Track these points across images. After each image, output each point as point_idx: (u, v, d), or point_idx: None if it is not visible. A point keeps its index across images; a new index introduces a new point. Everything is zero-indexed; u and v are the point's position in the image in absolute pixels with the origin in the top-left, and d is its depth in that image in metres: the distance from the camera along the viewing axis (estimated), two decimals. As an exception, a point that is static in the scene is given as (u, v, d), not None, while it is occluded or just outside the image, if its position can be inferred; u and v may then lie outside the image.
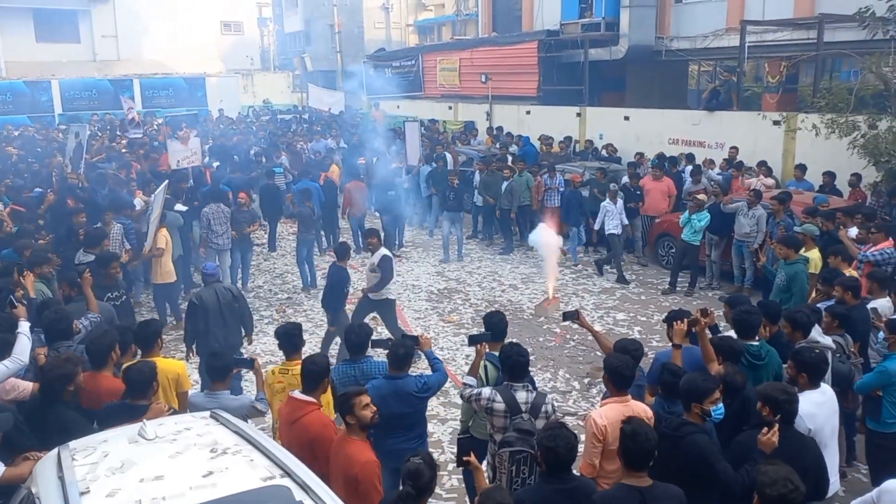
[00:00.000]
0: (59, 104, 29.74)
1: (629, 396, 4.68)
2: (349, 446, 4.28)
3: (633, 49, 19.28)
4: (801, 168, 12.85)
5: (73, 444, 3.93)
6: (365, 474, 4.14)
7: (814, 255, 8.21)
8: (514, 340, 5.49)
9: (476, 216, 15.37)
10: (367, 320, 8.61)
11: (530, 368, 5.51)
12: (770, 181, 12.80)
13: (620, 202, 12.38)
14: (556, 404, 5.16)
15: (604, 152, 17.08)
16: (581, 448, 4.51)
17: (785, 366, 5.18)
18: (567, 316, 6.05)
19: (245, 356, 6.16)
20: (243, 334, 7.80)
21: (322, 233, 14.19)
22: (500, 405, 4.75)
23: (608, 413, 4.56)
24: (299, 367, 5.25)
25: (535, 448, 4.23)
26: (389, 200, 13.88)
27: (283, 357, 5.72)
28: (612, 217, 12.13)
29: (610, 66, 20.21)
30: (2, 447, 4.28)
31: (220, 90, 33.18)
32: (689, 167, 13.93)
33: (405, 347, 5.23)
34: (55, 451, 3.88)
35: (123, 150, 17.51)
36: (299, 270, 12.25)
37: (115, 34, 34.01)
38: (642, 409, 4.65)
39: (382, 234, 11.56)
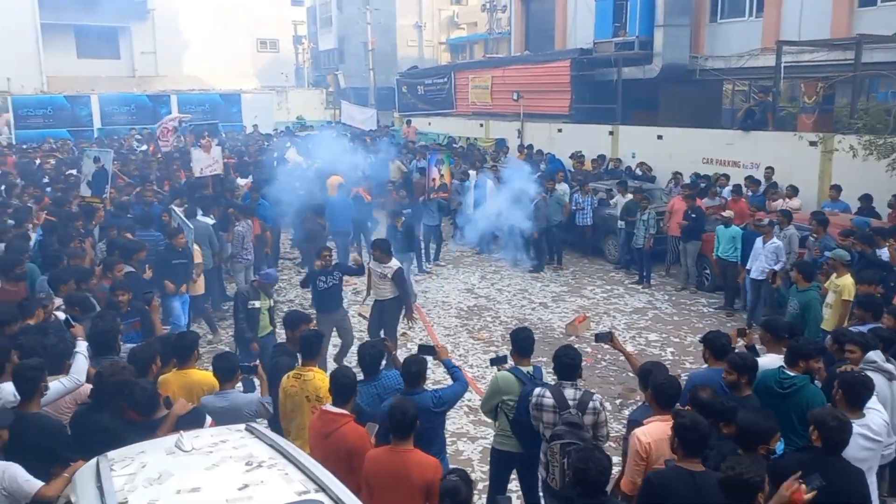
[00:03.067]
0: (99, 119, 30.39)
1: (671, 415, 4.62)
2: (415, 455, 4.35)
3: (666, 68, 19.21)
4: (837, 188, 12.65)
5: (111, 454, 3.97)
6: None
7: (845, 281, 7.87)
8: (565, 345, 5.56)
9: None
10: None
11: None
12: (796, 203, 12.59)
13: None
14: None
15: (638, 171, 17.00)
16: (615, 471, 4.49)
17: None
18: (600, 337, 6.03)
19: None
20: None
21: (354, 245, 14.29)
22: (549, 400, 5.02)
23: (652, 431, 4.56)
24: (312, 373, 5.42)
25: (584, 440, 4.61)
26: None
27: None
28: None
29: (643, 84, 20.14)
30: (44, 457, 4.35)
31: (255, 106, 33.68)
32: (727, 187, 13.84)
33: (417, 364, 5.24)
34: (94, 460, 3.93)
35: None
36: None
37: (154, 51, 34.77)
38: None
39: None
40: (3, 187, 14.22)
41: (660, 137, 17.80)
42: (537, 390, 5.13)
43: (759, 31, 17.86)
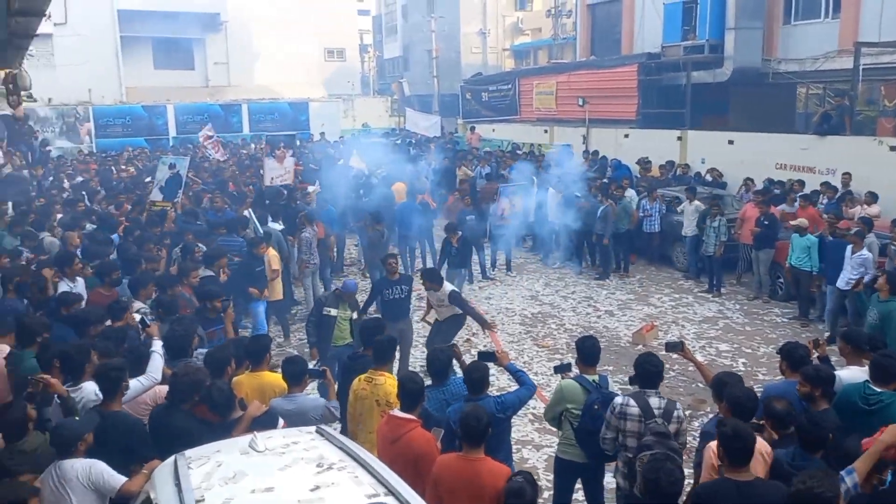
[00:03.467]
0: (174, 127, 31.52)
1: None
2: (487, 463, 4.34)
3: (737, 71, 18.74)
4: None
5: (188, 452, 4.10)
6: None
7: None
8: (649, 352, 5.48)
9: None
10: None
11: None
12: (875, 210, 12.08)
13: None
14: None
15: (708, 177, 16.62)
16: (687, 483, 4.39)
17: None
18: (670, 347, 5.91)
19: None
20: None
21: (416, 252, 14.40)
22: (634, 409, 4.97)
23: None
24: (384, 378, 5.43)
25: (673, 450, 4.57)
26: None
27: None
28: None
29: (713, 88, 19.69)
30: (124, 454, 4.52)
31: (322, 115, 34.35)
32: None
33: (479, 371, 5.22)
34: (172, 458, 4.05)
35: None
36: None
37: (227, 61, 35.78)
38: (761, 444, 4.45)
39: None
40: (84, 193, 14.86)
41: (731, 142, 17.36)
42: (620, 399, 5.07)
43: (835, 33, 17.26)
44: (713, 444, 4.47)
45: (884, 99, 16.85)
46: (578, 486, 5.79)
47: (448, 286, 9.05)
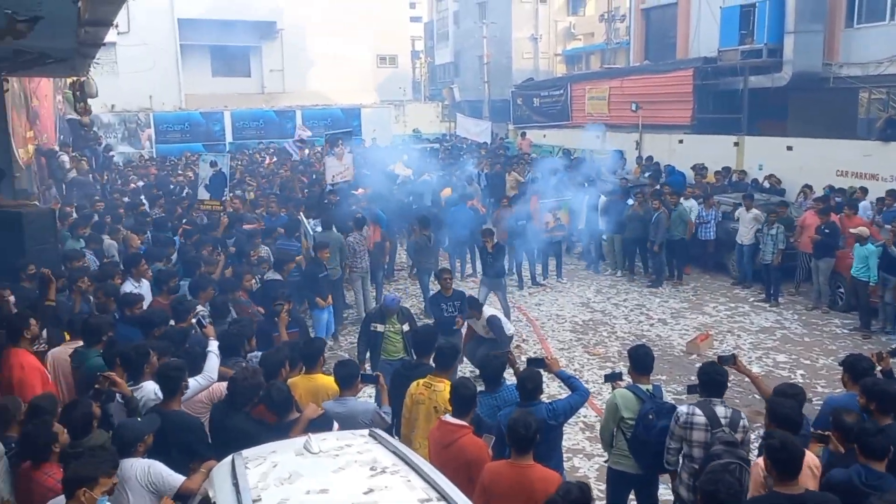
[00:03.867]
0: (230, 133, 32.26)
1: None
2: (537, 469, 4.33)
3: (797, 76, 18.28)
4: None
5: (245, 452, 4.18)
6: None
7: None
8: (712, 361, 5.53)
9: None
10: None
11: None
12: None
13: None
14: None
15: (766, 183, 16.25)
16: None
17: None
18: (723, 360, 5.67)
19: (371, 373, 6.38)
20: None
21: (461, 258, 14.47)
22: (700, 419, 4.92)
23: None
24: (444, 384, 5.41)
25: (742, 459, 4.53)
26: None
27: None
28: None
29: (771, 93, 19.25)
30: (183, 452, 4.64)
31: (374, 120, 34.76)
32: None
33: (533, 381, 5.19)
34: (230, 458, 4.14)
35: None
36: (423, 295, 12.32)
37: (282, 68, 36.42)
38: (810, 458, 4.39)
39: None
40: (143, 198, 15.29)
41: (789, 148, 16.95)
42: (685, 408, 5.01)
43: (900, 36, 16.72)
44: (761, 461, 4.39)
45: (952, 103, 16.27)
46: (632, 497, 5.71)
47: (487, 310, 9.14)
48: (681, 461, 5.14)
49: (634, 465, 5.39)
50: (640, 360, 5.59)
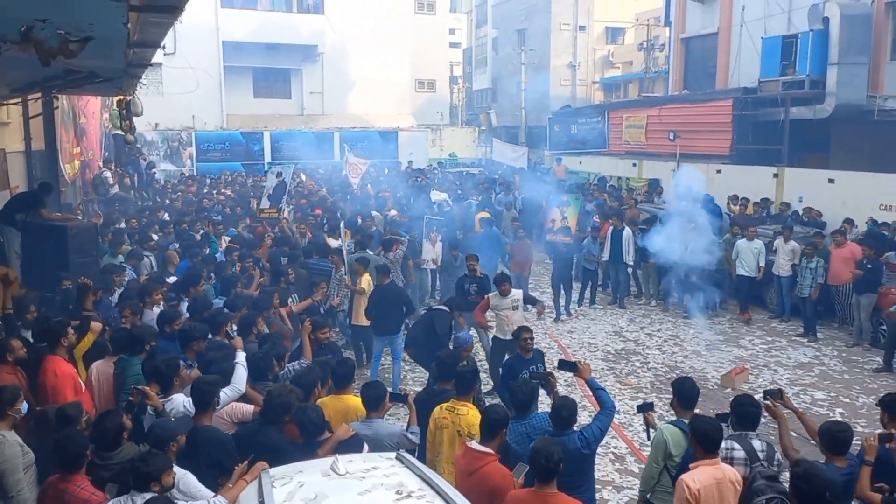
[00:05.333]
0: (269, 153, 32.79)
1: (718, 459, 4.61)
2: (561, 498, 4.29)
3: (840, 108, 18.03)
4: None
5: (272, 471, 4.20)
6: None
7: None
8: (746, 393, 5.51)
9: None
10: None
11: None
12: None
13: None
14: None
15: (804, 216, 15.97)
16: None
17: None
18: (771, 394, 5.52)
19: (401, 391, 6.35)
20: None
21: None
22: (740, 453, 4.83)
23: (699, 476, 4.49)
24: (467, 408, 5.41)
25: (784, 493, 4.47)
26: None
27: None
28: None
29: (812, 125, 19.01)
30: (213, 467, 4.67)
31: (411, 143, 35.09)
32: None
33: (567, 410, 5.12)
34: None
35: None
36: None
37: (322, 91, 36.98)
38: (732, 472, 4.55)
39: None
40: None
41: (831, 181, 16.66)
42: (723, 444, 4.84)
43: (948, 69, 16.43)
44: (686, 478, 4.54)
45: None
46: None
47: (518, 291, 9.48)
48: None
49: None
50: (686, 393, 5.39)
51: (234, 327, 7.15)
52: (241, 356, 5.85)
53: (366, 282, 10.13)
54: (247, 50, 34.18)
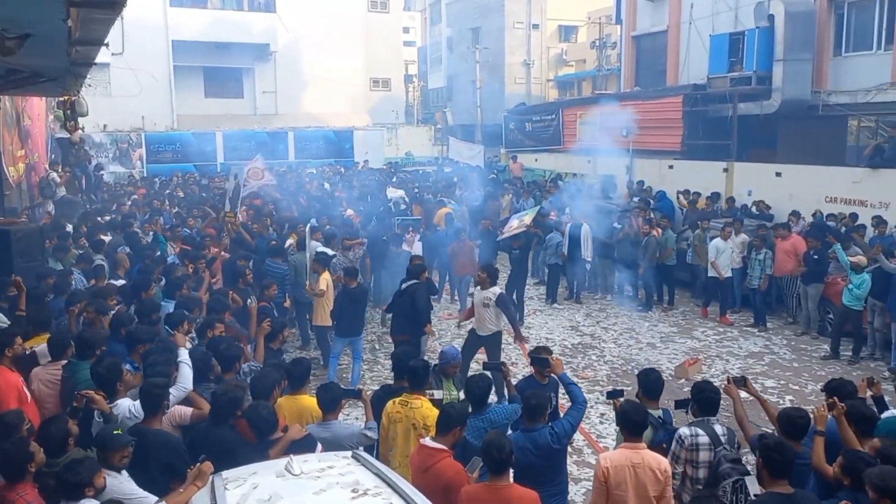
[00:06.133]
0: (222, 154, 32.28)
1: (643, 445, 4.72)
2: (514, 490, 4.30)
3: (786, 103, 18.47)
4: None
5: (225, 473, 4.12)
6: None
7: None
8: (705, 380, 5.69)
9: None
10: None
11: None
12: None
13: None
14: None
15: (754, 209, 16.33)
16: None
17: None
18: (735, 381, 5.65)
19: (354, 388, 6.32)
20: None
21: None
22: (704, 438, 4.95)
23: (614, 457, 4.67)
24: (420, 401, 5.41)
25: (745, 474, 4.66)
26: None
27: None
28: None
29: (760, 120, 19.44)
30: (165, 472, 4.57)
31: (367, 143, 34.91)
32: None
33: (537, 398, 5.15)
34: (210, 478, 4.10)
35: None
36: None
37: (275, 90, 36.56)
38: (652, 458, 4.65)
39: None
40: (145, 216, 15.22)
41: (778, 175, 17.05)
42: (686, 430, 4.99)
43: (888, 65, 16.95)
44: (601, 457, 4.78)
45: (938, 132, 16.45)
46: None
47: (497, 288, 9.19)
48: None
49: None
50: (651, 385, 5.54)
51: (193, 332, 7.03)
52: (183, 354, 5.73)
53: (324, 282, 10.04)
54: (197, 49, 33.61)
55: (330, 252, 11.13)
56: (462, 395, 6.12)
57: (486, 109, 36.09)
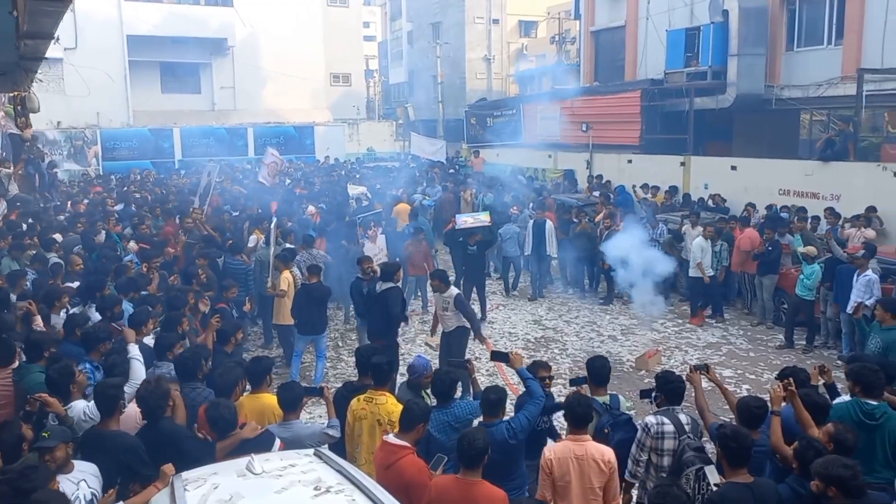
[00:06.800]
0: (180, 150, 31.78)
1: (587, 437, 4.82)
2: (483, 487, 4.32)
3: (740, 98, 18.84)
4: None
5: (185, 474, 4.08)
6: None
7: None
8: (670, 370, 5.70)
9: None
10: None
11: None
12: (871, 233, 12.05)
13: None
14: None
15: (710, 202, 16.63)
16: None
17: None
18: (697, 368, 5.78)
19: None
20: None
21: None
22: (669, 427, 5.01)
23: (557, 449, 4.78)
24: (385, 397, 5.39)
25: (710, 463, 4.72)
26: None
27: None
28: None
29: (716, 114, 19.80)
30: (123, 474, 4.49)
31: (328, 138, 34.67)
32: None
33: (497, 392, 5.19)
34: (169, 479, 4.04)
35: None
36: None
37: (233, 86, 36.07)
38: (596, 449, 4.73)
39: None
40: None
41: (734, 168, 17.40)
42: (653, 419, 5.05)
43: (838, 59, 17.38)
44: (546, 448, 4.88)
45: (887, 125, 16.92)
46: None
47: (454, 289, 9.20)
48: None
49: None
50: (598, 371, 5.68)
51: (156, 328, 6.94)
52: (133, 350, 5.63)
53: (285, 282, 9.95)
54: (153, 44, 32.98)
55: (292, 247, 11.08)
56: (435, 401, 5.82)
57: (447, 105, 36.13)
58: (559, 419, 5.98)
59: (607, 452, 4.76)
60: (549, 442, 5.44)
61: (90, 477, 4.35)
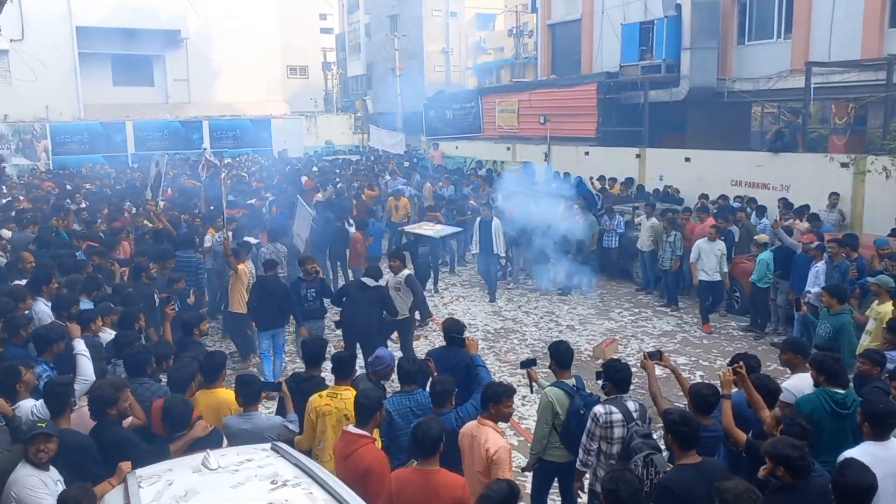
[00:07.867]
0: (133, 144, 31.16)
1: (490, 423, 4.95)
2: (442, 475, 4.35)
3: (694, 90, 19.16)
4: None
5: (139, 471, 4.04)
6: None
7: (887, 308, 7.63)
8: (615, 360, 5.69)
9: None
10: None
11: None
12: (804, 225, 12.27)
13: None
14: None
15: (670, 193, 16.88)
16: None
17: None
18: (650, 355, 5.88)
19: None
20: None
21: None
22: (618, 416, 5.10)
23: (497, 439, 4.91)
24: (350, 392, 5.37)
25: (657, 449, 4.81)
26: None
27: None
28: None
29: (670, 107, 20.11)
30: (74, 473, 4.42)
31: (285, 131, 34.30)
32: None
33: (443, 384, 5.26)
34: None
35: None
36: None
37: (187, 78, 35.48)
38: (485, 438, 4.85)
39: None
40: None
41: (687, 160, 17.70)
42: (601, 408, 5.13)
43: (787, 53, 17.77)
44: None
45: (834, 117, 17.36)
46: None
47: (407, 270, 9.50)
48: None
49: (566, 454, 5.52)
50: (562, 355, 5.75)
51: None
52: (79, 345, 5.53)
53: (245, 276, 9.88)
54: (103, 35, 32.27)
55: (253, 241, 11.02)
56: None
57: (406, 97, 36.04)
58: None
59: (494, 445, 4.81)
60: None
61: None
